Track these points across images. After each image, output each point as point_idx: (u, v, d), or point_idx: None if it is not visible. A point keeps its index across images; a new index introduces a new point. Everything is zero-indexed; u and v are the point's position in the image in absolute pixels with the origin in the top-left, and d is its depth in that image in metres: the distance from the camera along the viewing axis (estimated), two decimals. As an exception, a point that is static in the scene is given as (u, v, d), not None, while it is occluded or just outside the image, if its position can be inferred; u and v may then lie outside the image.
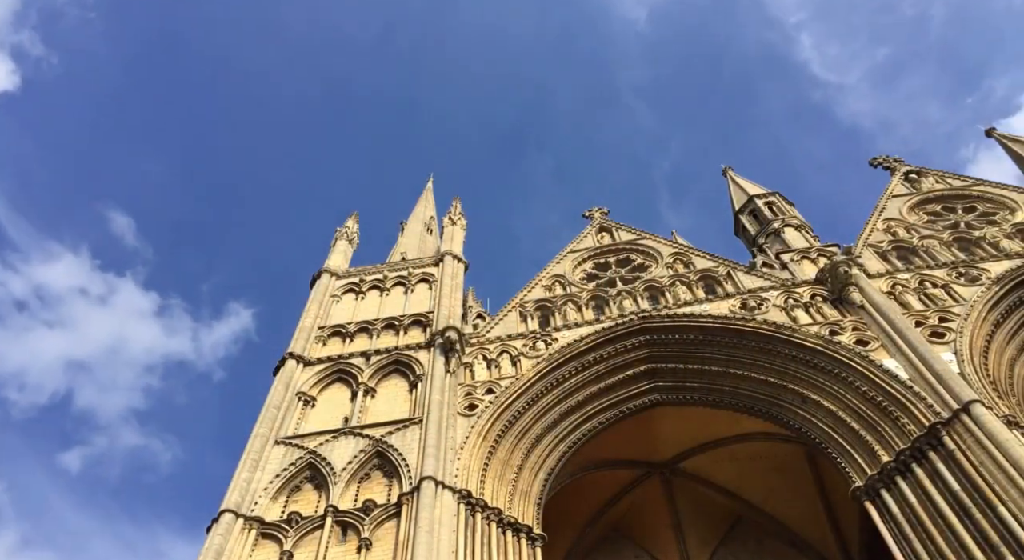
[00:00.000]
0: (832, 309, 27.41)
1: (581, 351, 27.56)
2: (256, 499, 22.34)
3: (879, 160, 41.44)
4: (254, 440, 24.47)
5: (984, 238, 30.93)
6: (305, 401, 26.95)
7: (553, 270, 34.97)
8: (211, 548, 20.42)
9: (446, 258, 35.17)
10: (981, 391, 21.69)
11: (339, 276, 35.37)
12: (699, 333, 27.63)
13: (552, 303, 31.89)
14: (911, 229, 32.92)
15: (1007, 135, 41.18)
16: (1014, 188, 34.96)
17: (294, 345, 29.39)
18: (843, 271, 27.91)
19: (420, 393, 26.02)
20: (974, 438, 20.20)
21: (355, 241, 40.82)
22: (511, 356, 28.21)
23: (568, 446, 26.02)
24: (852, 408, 23.53)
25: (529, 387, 26.27)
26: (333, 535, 21.01)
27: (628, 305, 30.51)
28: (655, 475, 31.94)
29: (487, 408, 25.26)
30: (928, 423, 21.36)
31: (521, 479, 24.40)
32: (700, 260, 33.40)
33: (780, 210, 37.88)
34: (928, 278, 28.18)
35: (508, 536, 22.27)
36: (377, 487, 22.70)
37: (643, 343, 27.94)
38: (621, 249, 36.58)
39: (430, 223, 52.61)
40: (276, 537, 21.32)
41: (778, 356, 25.93)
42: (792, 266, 31.06)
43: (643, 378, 27.61)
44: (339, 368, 28.43)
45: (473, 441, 24.00)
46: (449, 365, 27.14)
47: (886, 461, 21.81)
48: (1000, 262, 28.34)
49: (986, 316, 25.64)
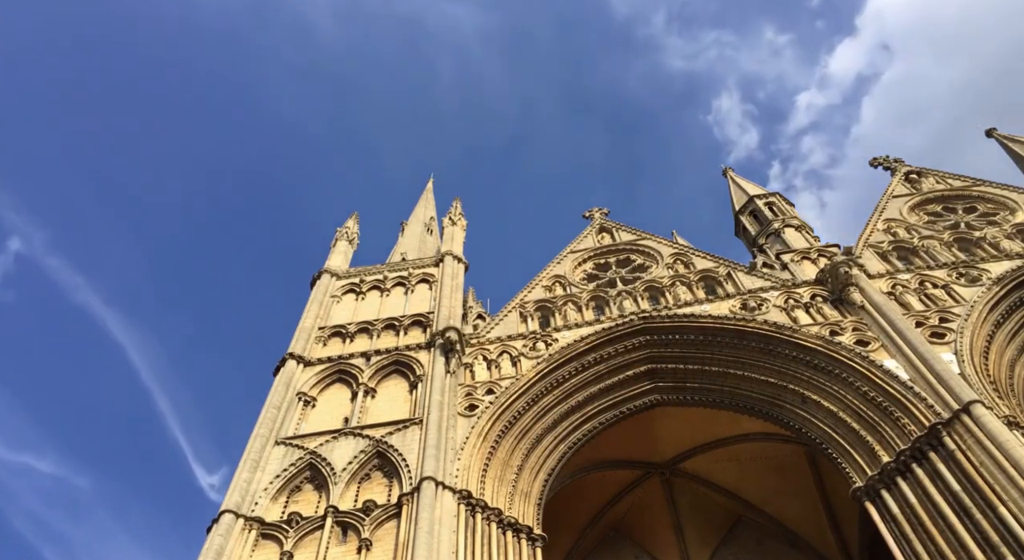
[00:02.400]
0: (832, 309, 27.40)
1: (581, 351, 27.56)
2: (256, 499, 22.36)
3: (879, 160, 41.41)
4: (254, 440, 24.47)
5: (984, 238, 30.92)
6: (305, 401, 26.95)
7: (553, 270, 34.97)
8: (211, 548, 20.45)
9: (446, 258, 35.16)
10: (981, 392, 21.70)
11: (339, 276, 35.35)
12: (699, 333, 27.63)
13: (552, 303, 31.88)
14: (911, 229, 32.92)
15: (1007, 135, 41.17)
16: (1014, 188, 34.96)
17: (294, 345, 29.39)
18: (843, 271, 27.90)
19: (420, 393, 26.02)
20: (974, 438, 20.22)
21: (355, 241, 40.81)
22: (511, 356, 28.21)
23: (568, 446, 26.03)
24: (852, 408, 23.53)
25: (529, 388, 26.27)
26: (333, 535, 21.02)
27: (628, 305, 30.51)
28: (655, 475, 31.98)
29: (487, 408, 25.27)
30: (928, 423, 21.37)
31: (521, 479, 24.39)
32: (700, 260, 33.39)
33: (780, 211, 37.85)
34: (928, 278, 28.19)
35: (508, 536, 22.28)
36: (377, 487, 22.70)
37: (643, 343, 27.94)
38: (621, 249, 36.59)
39: (430, 223, 52.58)
40: (276, 537, 21.34)
41: (778, 356, 25.93)
42: (792, 267, 31.04)
43: (643, 378, 27.62)
44: (339, 368, 28.43)
45: (473, 442, 24.00)
46: (449, 365, 27.13)
47: (886, 461, 21.83)
48: (1000, 262, 28.34)
49: (987, 317, 25.65)
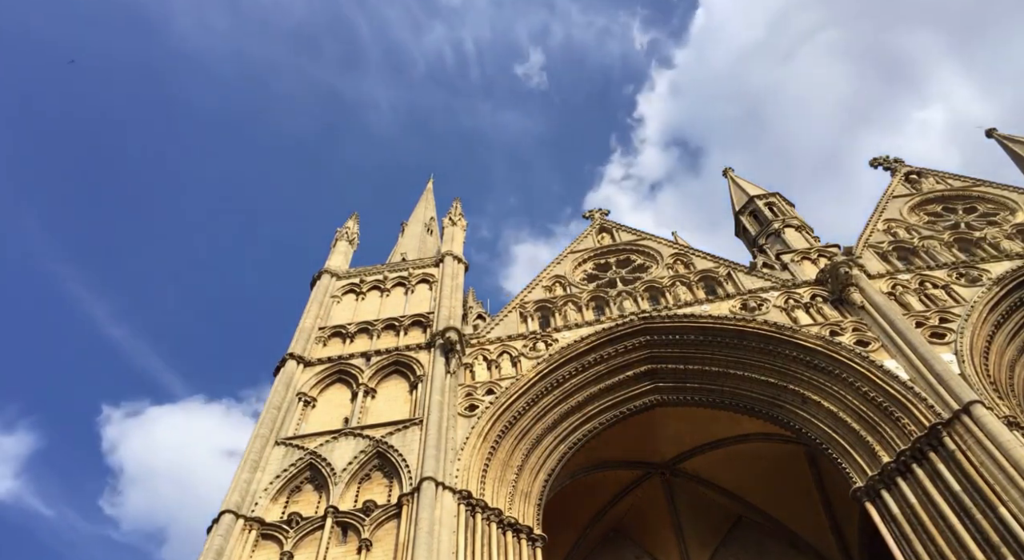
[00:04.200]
0: (832, 310, 27.39)
1: (581, 352, 27.56)
2: (256, 500, 22.35)
3: (879, 160, 41.38)
4: (254, 441, 24.46)
5: (984, 239, 30.91)
6: (305, 402, 26.94)
7: (553, 271, 34.97)
8: (211, 549, 20.44)
9: (446, 259, 35.15)
10: (982, 392, 21.69)
11: (339, 277, 35.35)
12: (699, 334, 27.62)
13: (552, 304, 31.88)
14: (912, 230, 32.91)
15: (1007, 135, 41.16)
16: (1014, 188, 34.95)
17: (294, 346, 29.38)
18: (844, 272, 27.89)
19: (420, 394, 26.01)
20: (975, 439, 20.21)
21: (355, 242, 40.80)
22: (511, 357, 28.21)
23: (568, 447, 26.03)
24: (852, 409, 23.53)
25: (529, 388, 26.27)
26: (333, 536, 21.01)
27: (628, 306, 30.50)
28: (655, 476, 31.95)
29: (487, 409, 25.26)
30: (929, 424, 21.36)
31: (521, 480, 24.39)
32: (700, 261, 33.38)
33: (780, 211, 37.80)
34: (929, 279, 28.17)
35: (508, 537, 22.27)
36: (377, 488, 22.70)
37: (643, 344, 27.93)
38: (621, 250, 36.59)
39: (430, 224, 52.60)
40: (276, 538, 21.33)
41: (778, 357, 25.92)
42: (792, 267, 31.02)
43: (643, 379, 27.61)
44: (339, 369, 28.42)
45: (473, 442, 23.99)
46: (449, 366, 27.12)
47: (886, 462, 21.82)
48: (1001, 263, 28.33)
49: (987, 317, 25.65)
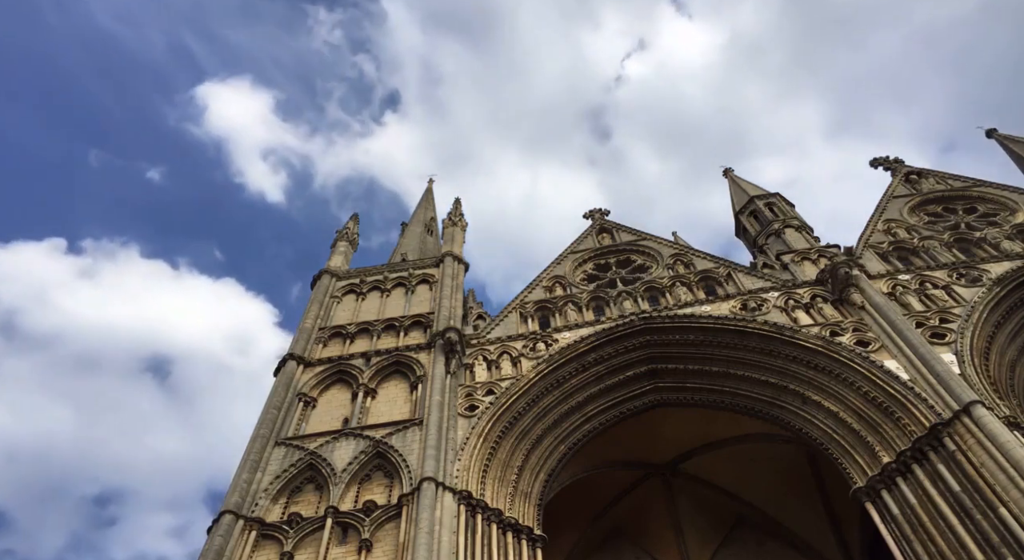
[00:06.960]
0: (833, 310, 27.39)
1: (582, 352, 27.56)
2: (256, 500, 22.34)
3: (879, 160, 41.34)
4: (254, 441, 24.46)
5: (985, 239, 30.91)
6: (305, 402, 26.93)
7: (553, 271, 34.95)
8: (211, 549, 20.44)
9: (447, 259, 35.15)
10: (982, 392, 21.69)
11: (339, 277, 35.35)
12: (700, 334, 27.63)
13: (552, 304, 31.86)
14: (912, 230, 32.91)
15: (1007, 135, 41.15)
16: (1014, 189, 34.97)
17: (294, 346, 29.37)
18: (844, 272, 27.88)
19: (420, 394, 26.01)
20: (975, 439, 20.21)
21: (355, 242, 40.85)
22: (511, 357, 28.19)
23: (569, 447, 26.03)
24: (853, 409, 23.53)
25: (529, 388, 26.26)
26: (333, 536, 20.99)
27: (628, 306, 30.49)
28: (656, 476, 31.92)
29: (487, 409, 25.25)
30: (929, 424, 21.36)
31: (522, 480, 24.38)
32: (700, 261, 33.38)
33: (780, 211, 37.78)
34: (929, 279, 28.17)
35: (509, 537, 22.27)
36: (377, 488, 22.69)
37: (644, 344, 27.94)
38: (621, 250, 36.58)
39: (431, 224, 52.54)
40: (276, 538, 21.32)
41: (779, 357, 25.93)
42: (793, 267, 31.02)
43: (644, 379, 27.62)
44: (339, 369, 28.41)
45: (473, 442, 23.98)
46: (450, 366, 27.12)
47: (887, 462, 21.83)
48: (1001, 263, 28.33)
49: (987, 317, 25.65)
